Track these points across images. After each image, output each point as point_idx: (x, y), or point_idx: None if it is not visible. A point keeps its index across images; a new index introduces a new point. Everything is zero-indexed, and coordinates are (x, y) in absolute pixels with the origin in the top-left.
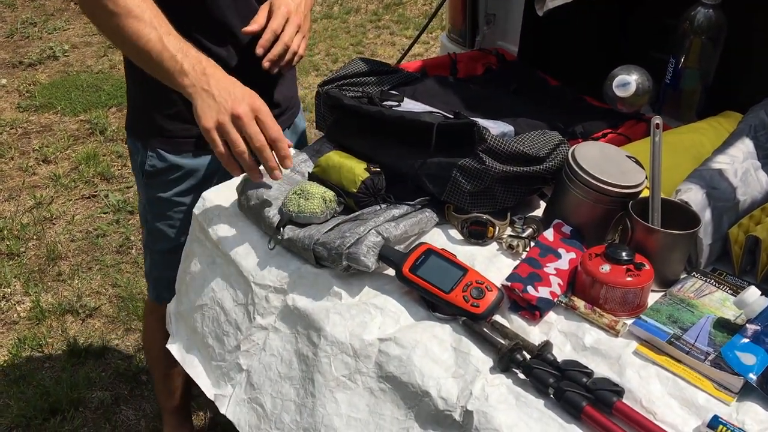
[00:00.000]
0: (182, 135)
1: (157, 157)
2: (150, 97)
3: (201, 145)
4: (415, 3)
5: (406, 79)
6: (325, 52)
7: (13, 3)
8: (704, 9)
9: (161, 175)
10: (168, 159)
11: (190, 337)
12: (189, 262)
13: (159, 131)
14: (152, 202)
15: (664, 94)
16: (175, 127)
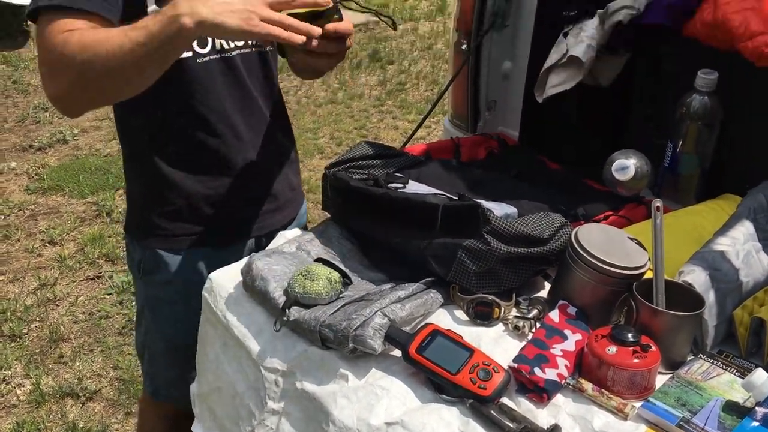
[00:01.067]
0: (179, 233)
1: (153, 255)
2: (146, 195)
3: (197, 242)
4: (417, 89)
5: (411, 162)
6: (330, 136)
7: (26, 89)
8: (699, 96)
9: (157, 273)
10: (164, 258)
11: (212, 420)
12: (204, 343)
13: (155, 229)
14: (149, 301)
15: (663, 178)
16: (171, 226)
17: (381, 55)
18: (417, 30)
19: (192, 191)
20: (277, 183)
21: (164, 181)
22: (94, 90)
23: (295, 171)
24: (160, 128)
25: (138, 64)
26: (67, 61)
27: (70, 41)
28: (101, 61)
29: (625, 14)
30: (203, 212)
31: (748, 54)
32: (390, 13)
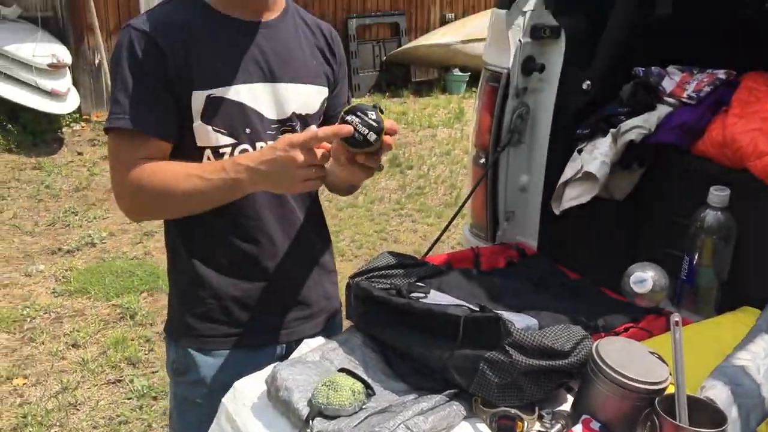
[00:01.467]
0: (210, 334)
1: (184, 355)
2: (182, 295)
3: (228, 343)
4: (435, 193)
5: (433, 271)
6: (351, 239)
7: (57, 194)
8: (712, 211)
9: (188, 373)
10: (195, 358)
11: None
12: None
13: (188, 329)
14: (178, 402)
15: (682, 290)
16: (203, 326)
17: (401, 161)
18: (435, 136)
19: (224, 293)
20: (310, 291)
21: (199, 281)
22: (161, 215)
23: (332, 281)
24: (199, 231)
25: (201, 205)
26: (140, 193)
27: (142, 176)
28: (169, 198)
29: (636, 133)
30: (235, 315)
31: (757, 172)
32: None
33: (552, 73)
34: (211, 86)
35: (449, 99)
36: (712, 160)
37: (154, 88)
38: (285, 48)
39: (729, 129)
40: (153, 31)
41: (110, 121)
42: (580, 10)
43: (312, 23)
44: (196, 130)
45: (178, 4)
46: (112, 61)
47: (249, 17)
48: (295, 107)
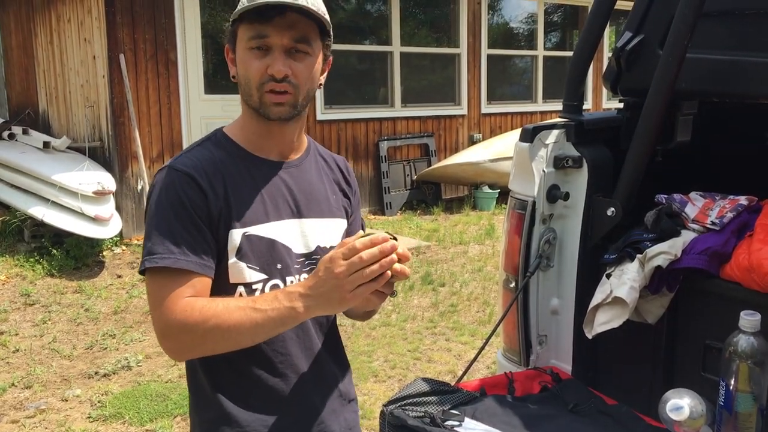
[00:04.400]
0: None
1: None
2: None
3: None
4: (468, 310)
5: (466, 398)
6: (384, 359)
7: (96, 317)
8: (745, 336)
9: None
10: None
11: None
12: None
13: None
14: None
15: (721, 417)
16: None
17: (433, 278)
18: (467, 253)
19: (249, 429)
20: (334, 424)
21: (225, 418)
22: (209, 350)
23: (353, 410)
24: (225, 366)
25: (254, 338)
26: (189, 329)
27: (192, 312)
28: (219, 333)
29: (663, 259)
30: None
31: None
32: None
33: (576, 200)
34: (248, 224)
35: (479, 215)
36: (741, 284)
37: (198, 228)
38: (309, 186)
39: (755, 255)
40: (195, 171)
41: (154, 260)
42: (600, 140)
43: (329, 158)
44: (230, 268)
45: (211, 145)
46: (152, 200)
47: (277, 158)
48: (320, 241)
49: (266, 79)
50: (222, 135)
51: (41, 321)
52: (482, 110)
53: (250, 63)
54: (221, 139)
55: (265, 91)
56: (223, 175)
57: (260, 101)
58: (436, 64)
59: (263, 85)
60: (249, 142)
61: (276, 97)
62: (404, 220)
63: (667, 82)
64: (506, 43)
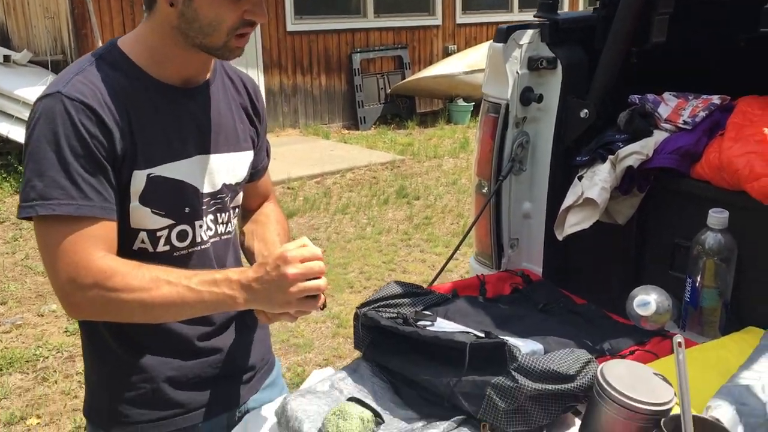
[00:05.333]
0: (144, 419)
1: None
2: (109, 381)
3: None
4: (443, 222)
5: (439, 300)
6: (359, 270)
7: None
8: (713, 233)
9: None
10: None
11: None
12: None
13: (119, 416)
14: None
15: (686, 312)
16: (135, 412)
17: (407, 191)
18: (441, 166)
19: (156, 374)
20: (244, 358)
21: (128, 366)
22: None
23: (261, 340)
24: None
25: (178, 316)
26: (105, 295)
27: (113, 276)
28: (143, 306)
29: (634, 159)
30: (168, 396)
31: (755, 194)
32: (415, 151)
33: (550, 102)
34: (153, 164)
35: (454, 129)
36: (711, 183)
37: (100, 167)
38: (217, 115)
39: (725, 153)
40: (94, 102)
41: (48, 207)
42: (575, 41)
43: (237, 79)
44: (132, 212)
45: (107, 66)
46: (38, 133)
47: (181, 83)
48: (226, 178)
49: (240, 24)
50: (119, 53)
51: (12, 239)
52: (457, 20)
53: (224, 5)
54: (118, 59)
55: (235, 35)
56: (126, 106)
57: (224, 45)
58: None
59: (235, 29)
60: (153, 64)
61: (242, 41)
62: (378, 135)
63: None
64: None
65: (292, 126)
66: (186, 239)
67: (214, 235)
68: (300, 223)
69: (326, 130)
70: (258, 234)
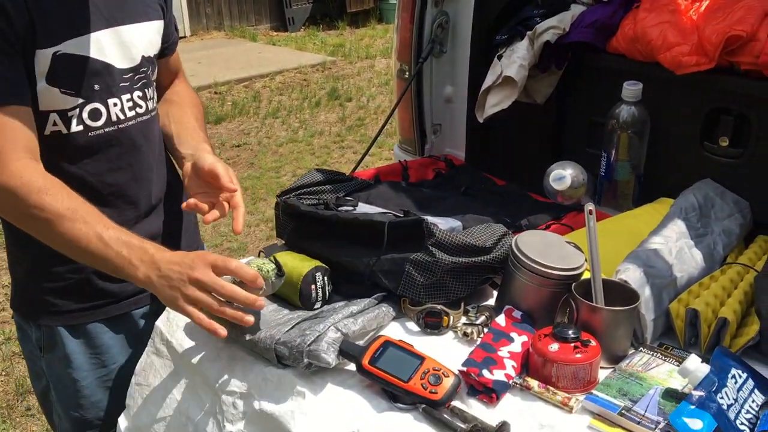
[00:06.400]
0: (74, 309)
1: (50, 332)
2: (35, 272)
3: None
4: (376, 123)
5: (361, 185)
6: (292, 173)
7: None
8: (627, 106)
9: (57, 350)
10: (61, 334)
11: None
12: (147, 375)
13: (49, 306)
14: (53, 379)
15: (601, 186)
16: (64, 302)
17: (339, 93)
18: (374, 67)
19: (83, 265)
20: (174, 246)
21: (53, 257)
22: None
23: (191, 226)
24: None
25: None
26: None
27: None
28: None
29: (551, 34)
30: (96, 285)
31: (667, 64)
32: (346, 52)
33: None
34: (56, 42)
35: (386, 28)
36: (626, 56)
37: (4, 51)
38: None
39: (640, 24)
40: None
41: None
42: None
43: None
44: (40, 94)
45: None
46: None
47: None
48: (143, 50)
49: None
50: None
51: None
52: None
53: None
54: None
55: None
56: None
57: None
58: None
59: None
60: None
61: None
62: (308, 36)
63: None
64: None
65: (217, 28)
66: (100, 118)
67: (144, 112)
68: (229, 128)
69: (253, 32)
70: (174, 116)
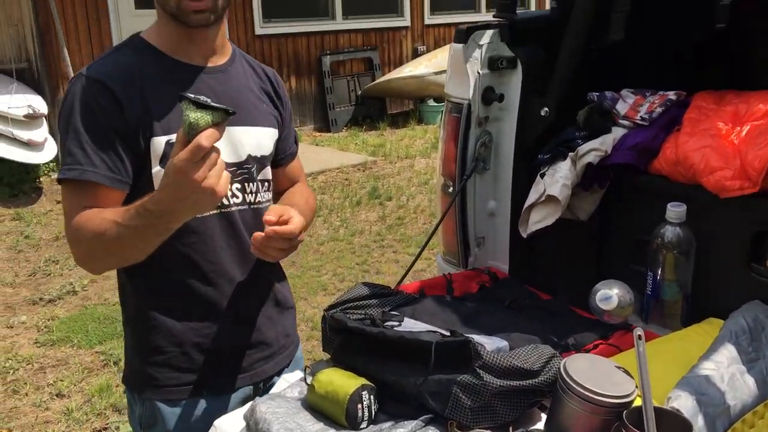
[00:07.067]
0: (172, 383)
1: (151, 408)
2: (141, 346)
3: (192, 392)
4: (415, 222)
5: (406, 300)
6: (333, 273)
7: (37, 243)
8: (671, 227)
9: (156, 427)
10: (161, 410)
11: None
12: None
13: (150, 380)
14: None
15: (648, 305)
16: (164, 375)
17: (380, 192)
18: (413, 167)
19: (185, 339)
20: (270, 331)
21: (157, 330)
22: (107, 262)
23: (291, 317)
24: (156, 278)
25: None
26: (81, 244)
27: (81, 228)
28: (101, 246)
29: (594, 156)
30: (197, 361)
31: (711, 187)
32: (387, 152)
33: (511, 101)
34: (172, 131)
35: (425, 129)
36: (669, 177)
37: (108, 138)
38: (237, 92)
39: (681, 147)
40: (108, 79)
41: (63, 172)
42: (534, 41)
43: (257, 67)
44: (155, 176)
45: (127, 49)
46: (64, 110)
47: (198, 62)
48: (250, 150)
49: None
50: (140, 40)
51: None
52: (426, 21)
53: None
54: (139, 45)
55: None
56: (141, 80)
57: (178, 8)
58: None
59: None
60: (169, 46)
61: (195, 5)
62: (350, 137)
63: None
64: None
65: None
66: None
67: (241, 203)
68: None
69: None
70: (284, 199)
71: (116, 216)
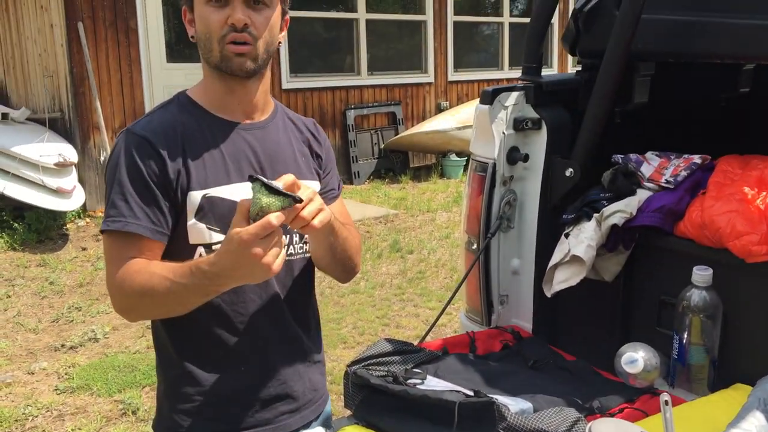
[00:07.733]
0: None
1: None
2: (170, 393)
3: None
4: (436, 276)
5: (429, 357)
6: (353, 325)
7: (61, 290)
8: (698, 290)
9: None
10: None
11: None
12: None
13: (177, 428)
14: None
15: (674, 369)
16: (191, 424)
17: (401, 245)
18: (435, 220)
19: (212, 389)
20: (297, 384)
21: (186, 378)
22: (147, 313)
23: (319, 372)
24: (186, 327)
25: (180, 305)
26: (123, 291)
27: (126, 275)
28: (148, 299)
29: (618, 218)
30: (223, 411)
31: (737, 252)
32: (409, 205)
33: (536, 161)
34: (207, 186)
35: (447, 183)
36: (694, 240)
37: (151, 192)
38: (275, 147)
39: (707, 211)
40: (152, 136)
41: (106, 223)
42: (559, 103)
43: (298, 121)
44: (190, 229)
45: (173, 107)
46: (110, 164)
47: (238, 119)
48: None
49: (227, 30)
50: (185, 97)
51: (5, 295)
52: (449, 78)
53: (209, 16)
54: (184, 102)
55: (226, 43)
56: (182, 137)
57: (221, 54)
58: (403, 31)
59: (224, 37)
60: (212, 103)
61: (237, 48)
62: (372, 189)
63: (623, 43)
64: (472, 10)
65: None
66: None
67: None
68: None
69: None
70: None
71: (167, 272)
